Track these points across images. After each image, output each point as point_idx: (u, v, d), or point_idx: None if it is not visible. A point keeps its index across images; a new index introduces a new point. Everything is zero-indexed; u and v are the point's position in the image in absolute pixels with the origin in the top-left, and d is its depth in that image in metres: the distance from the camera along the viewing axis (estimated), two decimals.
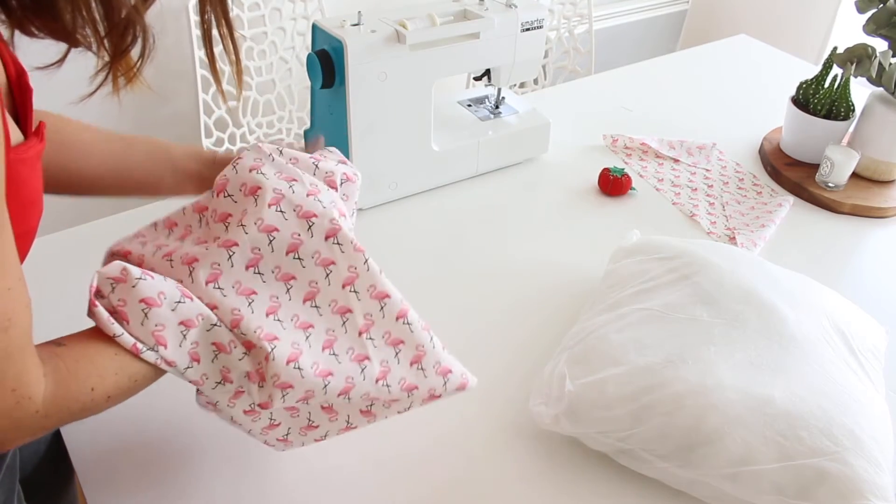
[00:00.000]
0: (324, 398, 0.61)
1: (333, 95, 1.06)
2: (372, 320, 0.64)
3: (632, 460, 0.73)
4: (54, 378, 0.49)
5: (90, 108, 0.62)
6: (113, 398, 0.54)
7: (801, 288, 0.85)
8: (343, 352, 0.62)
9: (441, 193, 1.20)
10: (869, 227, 1.19)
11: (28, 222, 0.51)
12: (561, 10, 2.20)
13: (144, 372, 0.55)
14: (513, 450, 0.77)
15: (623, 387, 0.72)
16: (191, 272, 0.59)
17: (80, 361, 0.52)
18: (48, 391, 0.49)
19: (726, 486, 0.69)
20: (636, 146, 1.34)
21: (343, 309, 0.63)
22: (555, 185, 1.23)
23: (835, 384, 0.73)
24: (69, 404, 0.50)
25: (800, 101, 1.29)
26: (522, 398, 0.81)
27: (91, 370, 0.52)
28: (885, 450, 0.70)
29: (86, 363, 0.52)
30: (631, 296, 0.84)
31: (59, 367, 0.50)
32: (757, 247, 1.09)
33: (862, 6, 1.22)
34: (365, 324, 0.64)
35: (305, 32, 1.90)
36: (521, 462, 0.76)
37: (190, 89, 1.82)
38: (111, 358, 0.53)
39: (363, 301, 0.64)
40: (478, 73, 1.22)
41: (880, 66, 1.21)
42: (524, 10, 1.14)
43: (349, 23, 1.02)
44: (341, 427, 0.66)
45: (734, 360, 0.74)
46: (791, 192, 1.25)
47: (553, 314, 0.95)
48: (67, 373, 0.50)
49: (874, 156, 1.24)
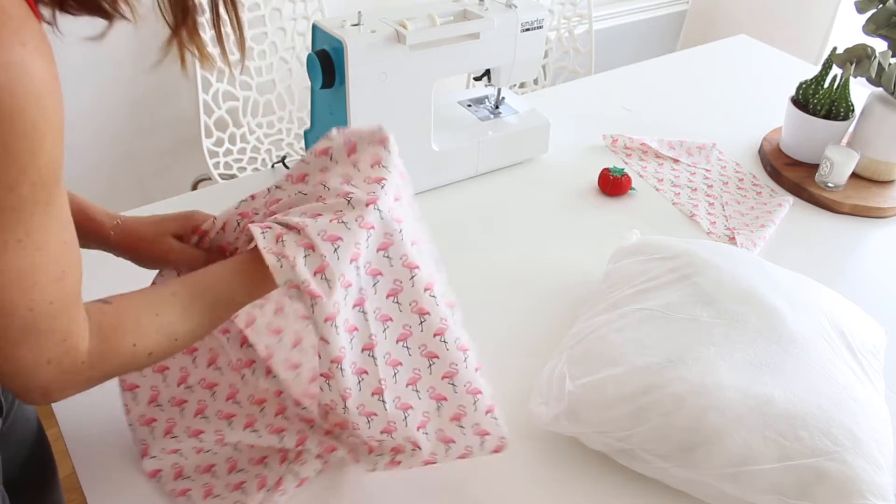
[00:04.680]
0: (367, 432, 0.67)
1: (333, 95, 1.06)
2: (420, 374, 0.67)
3: (631, 460, 0.73)
4: (98, 332, 0.52)
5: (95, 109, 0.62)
6: (154, 355, 0.57)
7: (800, 288, 0.85)
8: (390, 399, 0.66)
9: (441, 193, 1.20)
10: (869, 227, 1.19)
11: None
12: (561, 10, 2.20)
13: (184, 332, 0.59)
14: (513, 450, 0.77)
15: (623, 387, 0.72)
16: None
17: (123, 319, 0.55)
18: (93, 345, 0.52)
19: (726, 486, 0.69)
20: (636, 146, 1.34)
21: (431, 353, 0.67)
22: (555, 185, 1.24)
23: (834, 384, 0.73)
24: (112, 357, 0.54)
25: (799, 102, 1.29)
26: (522, 398, 0.81)
27: (133, 328, 0.55)
28: (884, 449, 0.70)
29: (128, 321, 0.55)
30: (631, 296, 0.84)
31: (103, 323, 0.53)
32: (757, 247, 1.09)
33: (862, 6, 1.23)
34: (413, 377, 0.67)
35: (305, 32, 1.90)
36: (521, 462, 0.76)
37: (190, 89, 1.82)
38: (153, 318, 0.56)
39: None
40: (478, 73, 1.22)
41: (880, 66, 1.21)
42: (524, 10, 1.14)
43: (349, 23, 1.02)
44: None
45: (734, 361, 0.74)
46: (791, 192, 1.25)
47: (553, 314, 0.95)
48: (111, 329, 0.54)
49: (874, 156, 1.24)
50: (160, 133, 1.93)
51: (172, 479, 0.71)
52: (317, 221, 0.61)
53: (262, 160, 1.89)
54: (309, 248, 0.60)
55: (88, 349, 0.51)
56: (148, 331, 0.56)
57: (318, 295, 0.58)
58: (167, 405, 0.74)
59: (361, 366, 0.64)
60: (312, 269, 0.59)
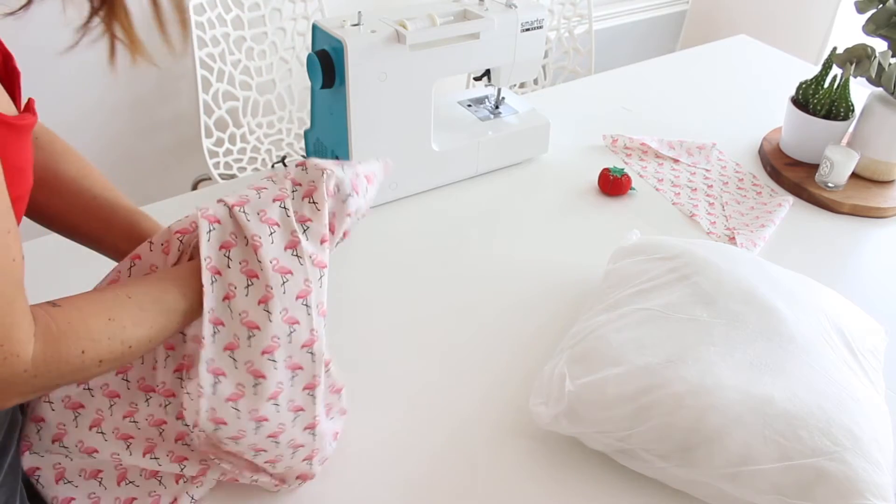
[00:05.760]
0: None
1: (333, 95, 1.06)
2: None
3: (631, 460, 0.73)
4: (44, 338, 0.48)
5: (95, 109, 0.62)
6: (105, 362, 0.53)
7: (800, 288, 0.85)
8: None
9: (441, 193, 1.20)
10: (868, 227, 1.19)
11: (15, 189, 0.51)
12: (561, 10, 2.20)
13: (139, 338, 0.55)
14: (513, 450, 0.77)
15: (623, 387, 0.72)
16: None
17: (72, 323, 0.51)
18: (38, 350, 0.48)
19: (726, 485, 0.69)
20: (636, 146, 1.34)
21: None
22: (555, 185, 1.24)
23: (834, 384, 0.73)
24: (59, 366, 0.49)
25: (799, 102, 1.29)
26: (522, 398, 0.81)
27: (83, 333, 0.51)
28: (884, 449, 0.70)
29: (78, 325, 0.51)
30: (631, 296, 0.84)
31: (50, 327, 0.49)
32: (757, 247, 1.09)
33: (862, 6, 1.23)
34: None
35: (305, 32, 1.90)
36: (521, 462, 0.76)
37: (190, 89, 1.82)
38: (105, 323, 0.52)
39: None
40: (478, 73, 1.22)
41: (880, 66, 1.21)
42: (524, 10, 1.14)
43: (349, 23, 1.02)
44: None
45: (734, 360, 0.74)
46: (791, 192, 1.25)
47: (553, 314, 0.95)
48: (59, 333, 0.49)
49: (874, 156, 1.24)
50: (160, 133, 1.93)
51: (53, 483, 0.65)
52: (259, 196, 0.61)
53: (262, 160, 1.89)
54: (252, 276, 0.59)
55: (33, 356, 0.47)
56: (99, 336, 0.52)
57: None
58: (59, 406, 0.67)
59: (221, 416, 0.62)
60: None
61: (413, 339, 0.91)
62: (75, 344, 0.50)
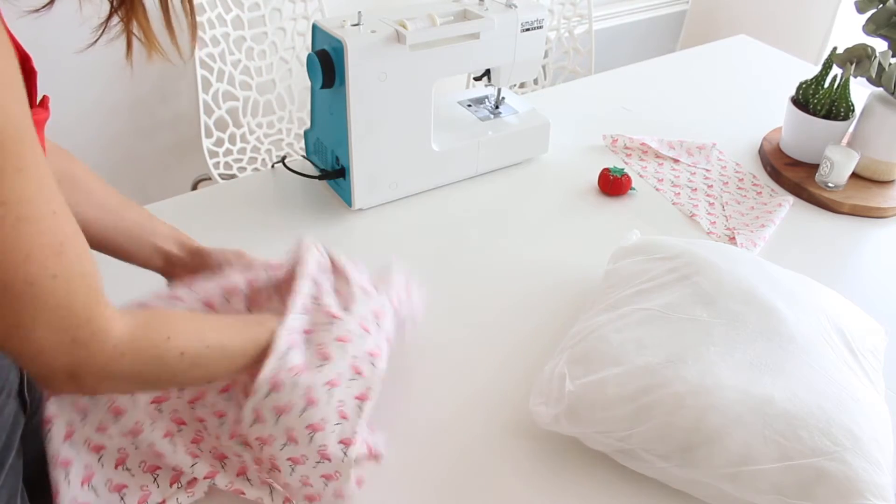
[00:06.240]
0: None
1: (333, 95, 1.06)
2: None
3: (632, 460, 0.73)
4: (133, 319, 0.50)
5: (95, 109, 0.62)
6: (186, 356, 0.55)
7: (800, 288, 0.85)
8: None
9: (441, 193, 1.20)
10: (868, 227, 1.19)
11: None
12: (561, 10, 2.20)
13: (214, 342, 0.58)
14: (513, 450, 0.77)
15: (623, 387, 0.72)
16: None
17: (157, 314, 0.54)
18: (127, 327, 0.49)
19: (726, 486, 0.69)
20: (636, 146, 1.34)
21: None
22: (555, 185, 1.24)
23: (834, 384, 0.73)
24: (146, 347, 0.51)
25: (799, 102, 1.29)
26: (522, 398, 0.81)
27: (168, 323, 0.54)
28: (884, 449, 0.70)
29: (163, 315, 0.55)
30: (631, 296, 0.84)
31: (136, 313, 0.51)
32: (757, 247, 1.09)
33: (862, 6, 1.23)
34: None
35: (305, 32, 1.90)
36: (520, 462, 0.76)
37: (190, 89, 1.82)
38: (188, 319, 0.57)
39: None
40: (478, 73, 1.22)
41: (880, 66, 1.21)
42: (524, 10, 1.14)
43: (349, 23, 1.02)
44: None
45: (734, 360, 0.74)
46: (791, 192, 1.25)
47: (553, 314, 0.95)
48: (145, 319, 0.52)
49: (874, 156, 1.24)
50: (160, 133, 1.93)
51: (61, 440, 0.65)
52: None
53: (262, 160, 1.89)
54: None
55: (120, 335, 0.49)
56: (184, 329, 0.55)
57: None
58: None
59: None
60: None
61: (413, 338, 0.91)
62: (163, 328, 0.53)
